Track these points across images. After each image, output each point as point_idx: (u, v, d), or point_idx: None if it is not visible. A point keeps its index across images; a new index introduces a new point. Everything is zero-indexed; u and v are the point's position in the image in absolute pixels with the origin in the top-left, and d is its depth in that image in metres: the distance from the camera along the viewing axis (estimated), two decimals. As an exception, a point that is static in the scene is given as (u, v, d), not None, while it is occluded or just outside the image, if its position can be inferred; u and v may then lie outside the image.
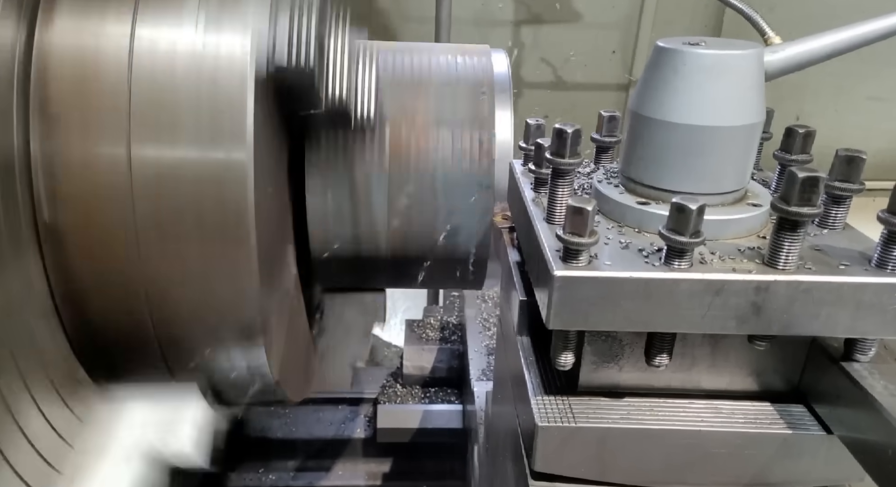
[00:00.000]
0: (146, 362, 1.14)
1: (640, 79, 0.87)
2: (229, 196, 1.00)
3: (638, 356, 0.86)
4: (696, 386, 0.88)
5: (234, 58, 0.99)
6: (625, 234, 0.85)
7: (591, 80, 4.36)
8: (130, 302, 1.05)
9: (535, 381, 0.91)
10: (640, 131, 0.87)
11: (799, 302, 0.74)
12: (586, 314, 0.77)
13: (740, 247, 0.81)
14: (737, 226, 0.84)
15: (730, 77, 0.80)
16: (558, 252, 0.79)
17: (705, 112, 0.81)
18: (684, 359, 0.86)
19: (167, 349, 1.13)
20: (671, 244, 0.75)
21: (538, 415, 0.84)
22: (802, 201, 0.71)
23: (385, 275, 1.47)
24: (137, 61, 0.98)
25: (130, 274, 1.03)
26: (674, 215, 0.74)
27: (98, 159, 0.98)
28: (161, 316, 1.08)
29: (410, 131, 1.29)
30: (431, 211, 1.33)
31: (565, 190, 0.87)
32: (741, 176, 0.86)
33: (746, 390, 0.88)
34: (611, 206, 0.90)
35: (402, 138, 1.30)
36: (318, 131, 1.28)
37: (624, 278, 0.74)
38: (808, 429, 0.82)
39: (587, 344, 0.86)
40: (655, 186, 0.87)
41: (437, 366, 2.41)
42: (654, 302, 0.75)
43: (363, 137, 1.29)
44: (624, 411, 0.85)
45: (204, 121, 0.98)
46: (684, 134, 0.82)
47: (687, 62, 0.81)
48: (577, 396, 0.88)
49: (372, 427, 2.27)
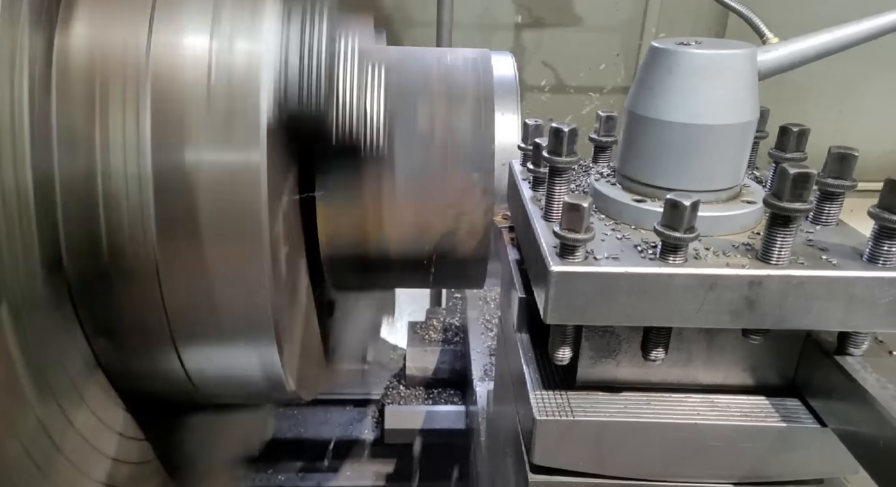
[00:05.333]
0: (162, 365, 1.16)
1: (636, 78, 0.89)
2: (244, 198, 1.02)
3: (635, 351, 0.88)
4: (692, 381, 0.89)
5: (249, 60, 1.02)
6: (621, 231, 0.86)
7: (595, 84, 4.38)
8: (146, 303, 1.07)
9: (534, 376, 0.92)
10: (635, 130, 0.89)
11: (792, 297, 0.75)
12: (583, 309, 0.78)
13: (734, 243, 0.82)
14: (731, 222, 0.85)
15: (723, 76, 0.82)
16: (555, 248, 0.80)
17: (700, 111, 0.83)
18: (681, 354, 0.88)
19: (182, 349, 1.15)
20: (666, 239, 0.76)
21: (537, 409, 0.85)
22: (794, 197, 0.72)
23: (393, 277, 1.49)
24: (154, 61, 1.00)
25: (145, 276, 1.05)
26: (668, 211, 0.75)
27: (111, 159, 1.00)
28: (176, 316, 1.10)
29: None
30: (438, 214, 1.35)
31: (562, 188, 0.89)
32: (735, 173, 0.88)
33: (742, 384, 0.89)
34: (608, 204, 0.92)
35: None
36: (326, 156, 1.30)
37: (620, 273, 0.76)
38: (803, 422, 0.83)
39: (585, 340, 0.87)
40: (651, 184, 0.89)
41: (439, 367, 2.43)
42: (649, 296, 0.77)
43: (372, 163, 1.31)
44: (621, 405, 0.87)
45: (218, 122, 1.01)
46: (679, 132, 0.84)
47: (681, 62, 0.83)
48: (575, 391, 0.89)
49: (380, 427, 2.29)
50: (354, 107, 1.21)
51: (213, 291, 1.07)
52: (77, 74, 1.00)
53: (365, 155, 1.28)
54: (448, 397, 2.39)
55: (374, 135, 1.25)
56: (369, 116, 1.24)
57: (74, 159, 0.99)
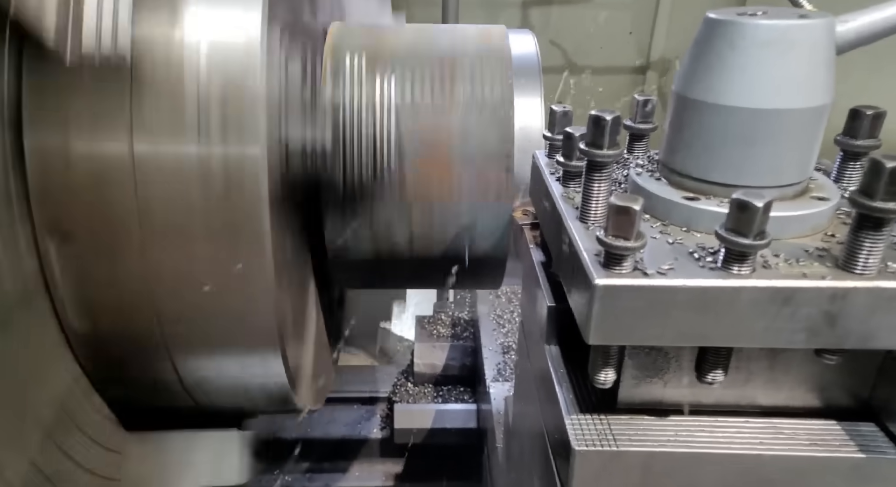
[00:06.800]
0: (156, 373, 1.06)
1: (687, 56, 0.76)
2: (243, 193, 0.92)
3: (686, 369, 0.77)
4: (751, 403, 0.78)
5: (247, 45, 0.90)
6: (671, 234, 0.75)
7: (606, 63, 4.20)
8: (137, 306, 0.97)
9: (569, 397, 0.82)
10: (687, 117, 0.77)
11: (881, 312, 0.64)
12: (631, 327, 0.67)
13: (806, 248, 0.71)
14: (800, 223, 0.74)
15: (797, 52, 0.69)
16: (598, 256, 0.69)
17: (767, 93, 0.70)
18: (739, 373, 0.77)
19: (176, 358, 1.05)
20: (731, 246, 0.65)
21: (574, 438, 0.75)
22: (889, 195, 0.60)
23: (405, 277, 1.38)
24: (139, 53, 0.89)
25: (136, 276, 0.95)
26: (735, 213, 0.64)
27: (102, 154, 0.90)
28: (170, 320, 0.99)
29: (432, 170, 1.19)
30: (453, 219, 1.24)
31: (602, 185, 0.77)
32: (805, 166, 0.76)
33: (808, 406, 0.78)
34: (653, 202, 0.80)
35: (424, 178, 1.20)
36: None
37: (677, 287, 0.65)
38: (884, 452, 0.72)
39: (628, 357, 0.76)
40: (705, 179, 0.77)
41: (449, 364, 2.34)
42: (711, 313, 0.66)
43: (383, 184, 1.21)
44: (671, 432, 0.76)
45: (214, 113, 0.90)
46: (742, 119, 0.72)
47: (746, 35, 0.70)
48: (616, 414, 0.79)
49: (389, 427, 2.21)
50: (363, 155, 1.16)
51: (211, 293, 0.97)
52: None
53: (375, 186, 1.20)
54: (458, 395, 2.31)
55: (385, 171, 1.17)
56: (380, 156, 1.16)
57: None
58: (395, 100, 1.16)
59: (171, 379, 1.06)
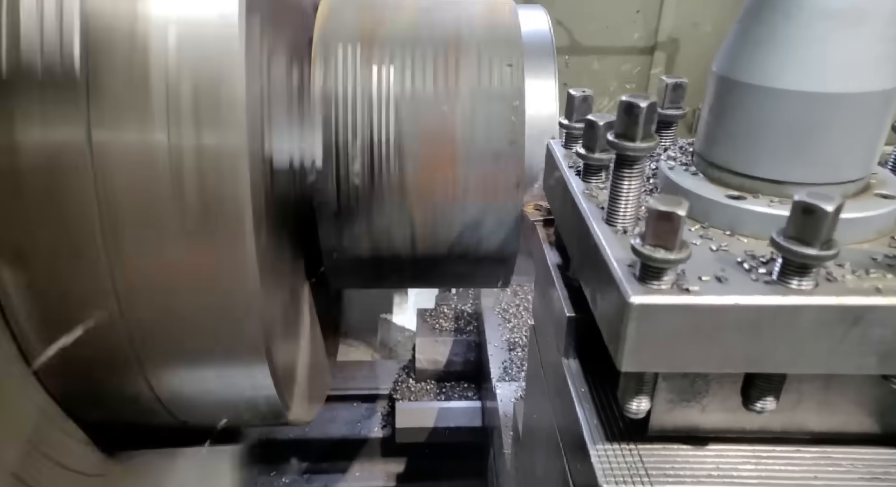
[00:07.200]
0: (129, 390, 0.96)
1: (733, 32, 0.66)
2: (221, 186, 0.82)
3: (727, 392, 0.67)
4: (800, 428, 0.69)
5: (221, 18, 0.79)
6: (714, 239, 0.65)
7: (613, 43, 4.04)
8: (102, 314, 0.87)
9: (593, 422, 0.72)
10: (730, 101, 0.66)
11: (968, 334, 0.54)
12: (671, 352, 0.58)
13: (874, 256, 0.61)
14: (865, 226, 0.64)
15: (867, 25, 0.58)
16: (631, 268, 0.59)
17: (829, 74, 0.60)
18: (788, 395, 0.67)
19: (149, 371, 0.95)
20: (792, 257, 0.55)
21: (601, 473, 0.66)
22: None
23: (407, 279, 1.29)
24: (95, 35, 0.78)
25: (101, 278, 0.85)
26: (798, 218, 0.54)
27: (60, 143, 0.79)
28: (140, 328, 0.90)
29: (436, 171, 1.08)
30: (458, 220, 1.14)
31: (633, 182, 0.67)
32: (870, 159, 0.66)
33: (864, 432, 0.69)
34: (689, 201, 0.69)
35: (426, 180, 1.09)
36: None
37: (728, 306, 0.55)
38: (957, 487, 0.63)
39: (662, 379, 0.67)
40: (752, 175, 0.66)
41: (452, 359, 2.25)
42: (765, 335, 0.56)
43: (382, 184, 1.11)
44: (711, 463, 0.67)
45: (186, 100, 0.79)
46: (797, 104, 0.62)
47: (805, 6, 0.59)
48: (647, 443, 0.69)
49: (390, 425, 2.13)
50: (365, 165, 1.08)
51: (185, 295, 0.87)
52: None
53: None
54: (462, 391, 2.22)
55: (385, 175, 1.08)
56: (379, 161, 1.07)
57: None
58: (393, 90, 1.04)
59: (147, 396, 0.96)
